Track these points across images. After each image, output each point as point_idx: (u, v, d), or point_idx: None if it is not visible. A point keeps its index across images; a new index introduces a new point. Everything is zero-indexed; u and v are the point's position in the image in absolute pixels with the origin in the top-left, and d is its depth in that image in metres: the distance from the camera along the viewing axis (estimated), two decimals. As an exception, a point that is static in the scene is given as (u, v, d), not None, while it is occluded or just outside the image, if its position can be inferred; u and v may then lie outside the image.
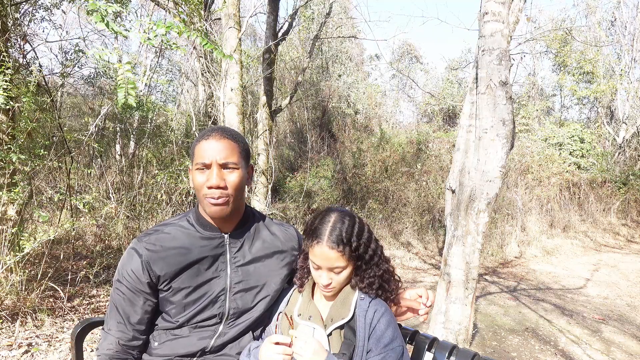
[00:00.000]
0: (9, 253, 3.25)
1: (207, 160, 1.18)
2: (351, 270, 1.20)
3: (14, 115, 3.66)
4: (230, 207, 1.22)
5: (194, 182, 1.22)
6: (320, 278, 1.18)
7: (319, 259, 1.16)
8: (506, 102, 2.58)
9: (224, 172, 1.20)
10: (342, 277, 1.18)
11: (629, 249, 9.83)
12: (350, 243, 1.15)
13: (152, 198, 5.66)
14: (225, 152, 1.19)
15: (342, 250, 1.14)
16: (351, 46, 14.23)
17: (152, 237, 1.24)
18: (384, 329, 1.15)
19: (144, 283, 1.21)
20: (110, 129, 7.66)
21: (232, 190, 1.21)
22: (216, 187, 1.18)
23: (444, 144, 10.56)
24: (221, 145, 1.20)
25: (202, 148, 1.20)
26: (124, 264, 1.24)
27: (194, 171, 1.22)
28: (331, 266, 1.16)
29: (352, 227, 1.17)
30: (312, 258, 1.19)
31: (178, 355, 1.24)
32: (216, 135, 1.21)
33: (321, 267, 1.17)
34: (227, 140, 1.21)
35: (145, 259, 1.20)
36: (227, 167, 1.20)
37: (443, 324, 2.88)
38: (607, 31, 15.73)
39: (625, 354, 3.78)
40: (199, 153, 1.20)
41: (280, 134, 11.96)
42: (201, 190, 1.20)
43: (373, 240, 1.23)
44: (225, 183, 1.20)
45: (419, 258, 7.47)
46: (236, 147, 1.23)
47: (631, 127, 14.12)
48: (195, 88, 10.74)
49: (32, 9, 5.14)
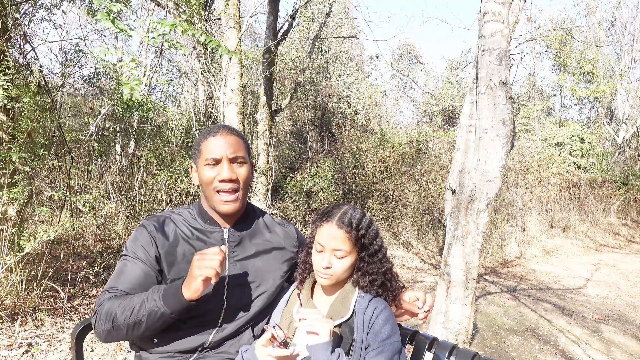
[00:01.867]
0: (9, 253, 3.25)
1: (218, 155, 1.23)
2: (353, 261, 1.20)
3: (14, 115, 3.66)
4: (240, 203, 1.27)
5: (203, 178, 1.25)
6: (322, 260, 1.18)
7: (325, 238, 1.17)
8: (506, 102, 2.58)
9: (233, 166, 1.25)
10: (342, 263, 1.18)
11: (629, 249, 9.83)
12: (358, 229, 1.17)
13: (152, 198, 5.66)
14: (234, 147, 1.25)
15: (349, 232, 1.16)
16: (351, 46, 14.22)
17: (160, 218, 1.30)
18: (382, 325, 1.15)
19: (152, 257, 1.23)
20: (110, 129, 7.67)
21: (242, 183, 1.27)
22: (229, 180, 1.23)
23: (444, 144, 10.56)
24: (229, 140, 1.25)
25: (211, 144, 1.24)
26: (134, 239, 1.26)
27: (202, 167, 1.25)
28: (335, 247, 1.16)
29: (362, 217, 1.21)
30: (317, 239, 1.20)
31: (177, 352, 1.24)
32: (223, 131, 1.27)
33: (325, 248, 1.17)
34: (234, 136, 1.27)
35: (152, 232, 1.25)
36: (237, 161, 1.26)
37: (443, 324, 2.88)
38: (607, 31, 15.73)
39: (625, 354, 3.78)
40: (207, 149, 1.24)
41: (280, 134, 11.96)
42: (211, 185, 1.24)
43: (379, 237, 1.25)
44: (237, 176, 1.25)
45: (419, 258, 7.47)
46: (242, 143, 1.29)
47: (631, 127, 14.12)
48: (195, 88, 10.75)
49: (32, 9, 5.14)
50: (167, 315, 1.10)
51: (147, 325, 1.11)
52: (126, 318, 1.10)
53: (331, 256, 1.17)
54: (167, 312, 1.09)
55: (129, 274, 1.21)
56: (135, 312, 1.10)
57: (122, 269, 1.22)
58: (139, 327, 1.11)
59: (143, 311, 1.09)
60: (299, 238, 1.46)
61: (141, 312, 1.09)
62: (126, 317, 1.10)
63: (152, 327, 1.12)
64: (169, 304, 1.09)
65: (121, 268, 1.23)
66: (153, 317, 1.10)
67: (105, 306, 1.14)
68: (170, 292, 1.10)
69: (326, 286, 1.25)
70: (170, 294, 1.10)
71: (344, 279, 1.22)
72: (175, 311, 1.10)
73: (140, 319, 1.10)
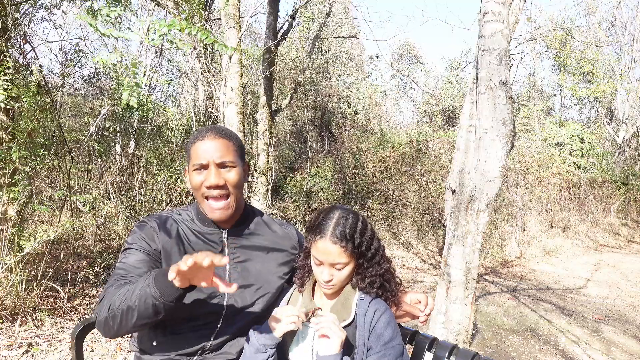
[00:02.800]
0: (9, 253, 3.25)
1: (204, 161, 1.19)
2: (353, 267, 1.19)
3: (14, 115, 3.66)
4: (231, 209, 1.24)
5: (192, 183, 1.23)
6: (322, 274, 1.17)
7: (321, 254, 1.16)
8: (506, 102, 2.58)
9: (221, 171, 1.21)
10: (343, 273, 1.18)
11: (629, 249, 9.84)
12: (353, 239, 1.15)
13: (152, 198, 5.66)
14: (221, 151, 1.21)
15: (345, 245, 1.14)
16: (351, 46, 14.22)
17: (162, 216, 1.29)
18: (383, 327, 1.15)
19: (154, 249, 1.22)
20: (110, 129, 7.67)
21: (231, 188, 1.23)
22: (215, 187, 1.20)
23: (444, 144, 10.56)
24: (216, 144, 1.21)
25: (198, 149, 1.21)
26: (136, 232, 1.24)
27: (191, 172, 1.23)
28: (333, 262, 1.15)
29: (356, 224, 1.18)
30: (314, 253, 1.19)
31: (178, 354, 1.23)
32: (210, 135, 1.22)
33: (323, 262, 1.17)
34: (221, 139, 1.22)
35: (154, 227, 1.24)
36: (225, 165, 1.21)
37: (443, 323, 2.88)
38: (607, 31, 15.74)
39: (625, 354, 3.78)
40: (195, 154, 1.21)
41: (280, 134, 11.95)
42: (199, 190, 1.22)
43: (375, 239, 1.23)
44: (225, 182, 1.21)
45: (419, 258, 7.47)
46: (231, 146, 1.24)
47: (631, 127, 14.13)
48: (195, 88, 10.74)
49: (32, 9, 5.14)
50: (157, 298, 1.00)
51: (139, 311, 1.03)
52: (121, 303, 1.04)
53: (331, 269, 1.17)
54: (157, 295, 1.00)
55: (133, 263, 1.19)
56: (129, 295, 1.04)
57: (126, 258, 1.20)
58: (132, 314, 1.04)
59: (136, 294, 1.03)
60: (299, 239, 1.45)
61: (134, 295, 1.03)
62: (121, 302, 1.05)
63: (144, 315, 1.04)
64: (159, 286, 1.00)
65: (125, 258, 1.20)
66: (144, 302, 1.02)
67: (107, 295, 1.11)
68: (162, 273, 1.02)
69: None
70: (161, 275, 1.02)
71: (346, 283, 1.23)
72: (164, 295, 1.00)
73: (133, 304, 1.02)
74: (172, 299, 1.02)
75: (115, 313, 1.06)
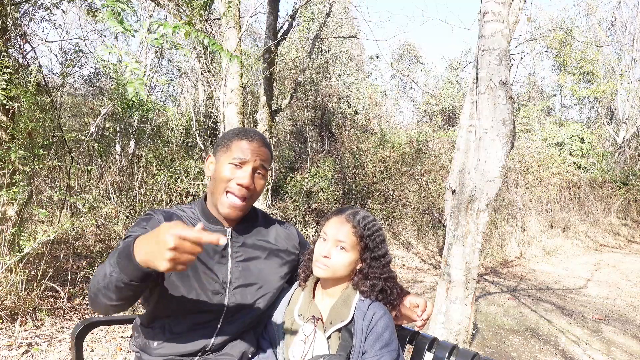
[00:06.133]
0: (9, 253, 3.25)
1: (247, 158, 1.24)
2: (353, 259, 1.20)
3: (14, 115, 3.66)
4: (243, 212, 1.28)
5: (220, 174, 1.24)
6: (323, 249, 1.20)
7: (331, 228, 1.21)
8: (506, 102, 2.58)
9: (255, 176, 1.27)
10: (342, 257, 1.18)
11: (629, 249, 9.84)
12: (365, 227, 1.20)
13: (152, 198, 5.66)
14: (263, 158, 1.28)
15: (355, 227, 1.19)
16: (351, 46, 14.22)
17: (168, 212, 1.30)
18: (381, 331, 1.15)
19: None
20: (110, 129, 7.66)
21: (255, 194, 1.29)
22: (246, 187, 1.24)
23: (444, 144, 10.56)
24: (261, 150, 1.28)
25: (244, 146, 1.25)
26: (140, 222, 1.23)
27: (224, 164, 1.25)
28: (339, 238, 1.19)
29: (373, 220, 1.23)
30: (324, 229, 1.23)
31: (179, 355, 1.23)
32: (257, 139, 1.29)
33: (329, 238, 1.20)
34: (266, 149, 1.30)
35: (159, 219, 1.25)
36: (259, 171, 1.28)
37: (443, 324, 2.88)
38: (607, 31, 15.74)
39: (625, 354, 3.78)
40: (239, 149, 1.25)
41: (280, 134, 11.95)
42: (225, 183, 1.24)
43: (385, 244, 1.25)
44: (254, 185, 1.26)
45: (419, 258, 7.47)
46: (269, 157, 1.32)
47: (631, 127, 14.13)
48: (195, 88, 10.76)
49: (32, 9, 5.13)
50: (118, 274, 0.94)
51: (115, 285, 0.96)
52: (104, 276, 0.99)
53: (333, 247, 1.19)
54: (117, 270, 0.94)
55: None
56: (100, 277, 0.99)
57: (125, 242, 1.09)
58: (109, 289, 0.97)
59: (110, 266, 0.98)
60: (300, 239, 1.46)
61: (109, 268, 0.98)
62: (97, 282, 1.00)
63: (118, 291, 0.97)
64: (120, 259, 0.95)
65: (124, 242, 1.11)
66: (116, 276, 0.95)
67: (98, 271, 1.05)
68: (127, 244, 0.96)
69: (327, 286, 1.25)
70: (125, 246, 0.96)
71: (340, 277, 1.22)
72: (123, 269, 0.94)
73: (110, 276, 0.97)
74: (134, 276, 0.94)
75: (99, 289, 1.01)
